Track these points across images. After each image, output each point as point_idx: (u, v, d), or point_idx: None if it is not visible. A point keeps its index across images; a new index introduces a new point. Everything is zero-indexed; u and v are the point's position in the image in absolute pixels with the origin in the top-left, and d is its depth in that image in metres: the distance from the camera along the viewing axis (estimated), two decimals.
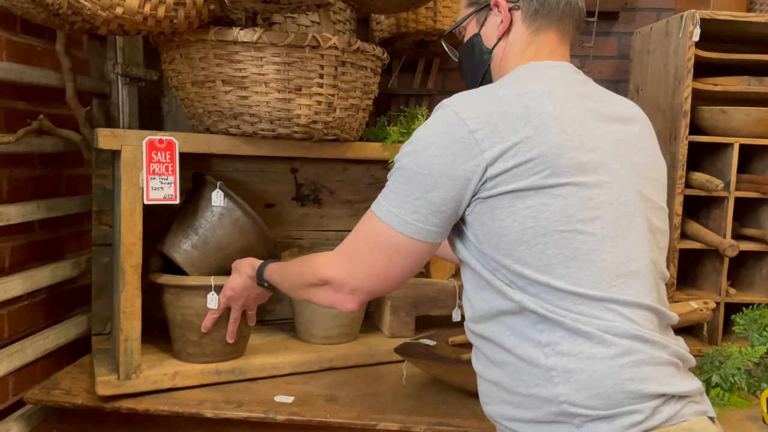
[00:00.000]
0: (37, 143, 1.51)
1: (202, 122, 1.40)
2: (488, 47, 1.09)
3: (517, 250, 0.89)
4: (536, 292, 0.90)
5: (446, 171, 0.90)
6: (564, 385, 0.88)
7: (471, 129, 0.89)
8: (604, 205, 0.91)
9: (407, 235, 0.93)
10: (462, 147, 0.89)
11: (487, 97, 0.94)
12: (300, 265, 1.10)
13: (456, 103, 0.93)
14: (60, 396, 1.33)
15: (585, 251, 0.89)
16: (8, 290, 1.37)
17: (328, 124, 1.37)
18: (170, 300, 1.43)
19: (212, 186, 1.43)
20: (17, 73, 1.42)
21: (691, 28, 1.70)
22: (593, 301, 0.89)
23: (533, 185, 0.88)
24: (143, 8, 1.17)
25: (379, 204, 0.95)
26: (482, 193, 0.90)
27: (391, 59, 2.07)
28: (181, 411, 1.30)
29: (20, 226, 1.49)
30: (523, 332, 0.91)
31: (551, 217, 0.88)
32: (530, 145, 0.88)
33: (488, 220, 0.91)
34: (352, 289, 1.00)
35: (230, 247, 1.44)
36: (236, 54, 1.28)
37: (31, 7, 1.24)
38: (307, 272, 1.07)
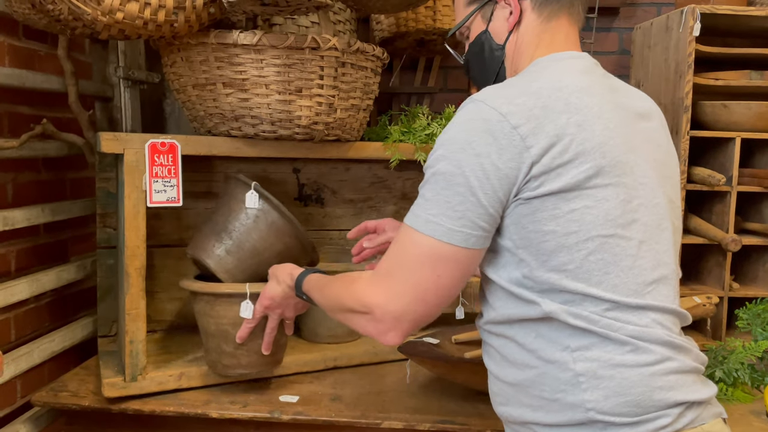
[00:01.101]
0: (41, 147, 1.52)
1: (204, 124, 1.41)
2: (499, 43, 1.03)
3: (558, 256, 0.86)
4: (568, 300, 0.87)
5: (491, 170, 0.84)
6: (592, 392, 0.86)
7: (513, 124, 0.84)
8: (641, 208, 0.89)
9: (454, 244, 0.85)
10: (506, 144, 0.84)
11: (523, 90, 0.89)
12: (340, 286, 1.00)
13: (491, 98, 0.87)
14: (67, 398, 1.35)
15: (623, 257, 0.87)
16: (15, 294, 1.38)
17: (329, 124, 1.38)
18: (203, 309, 1.34)
19: (246, 187, 1.35)
20: (20, 78, 1.43)
21: (691, 22, 1.70)
22: (628, 308, 0.87)
23: (577, 184, 0.84)
24: (143, 13, 1.18)
25: (415, 216, 0.88)
26: (525, 193, 0.85)
27: (391, 58, 2.08)
28: (186, 412, 1.31)
29: (25, 230, 1.50)
30: (551, 336, 0.89)
31: (594, 221, 0.85)
32: (576, 141, 0.85)
33: (529, 223, 0.86)
34: (396, 317, 0.89)
35: (266, 252, 1.36)
36: (236, 56, 1.29)
37: (33, 14, 1.25)
38: (346, 296, 0.96)
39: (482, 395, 1.37)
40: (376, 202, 1.86)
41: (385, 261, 0.92)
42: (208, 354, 1.37)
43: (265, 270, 1.30)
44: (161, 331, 1.66)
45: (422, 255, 0.87)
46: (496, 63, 1.05)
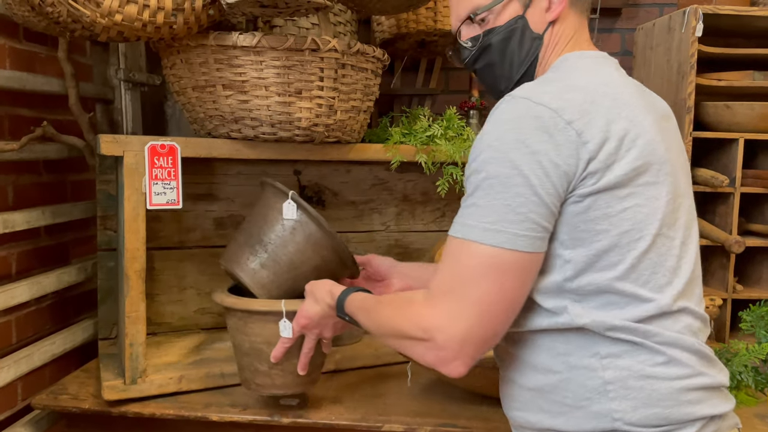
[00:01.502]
0: (41, 150, 1.52)
1: (204, 126, 1.40)
2: (537, 32, 0.97)
3: (609, 256, 0.83)
4: (612, 302, 0.85)
5: (550, 168, 0.80)
6: (620, 402, 0.84)
7: (567, 120, 0.81)
8: (680, 208, 0.89)
9: (518, 250, 0.80)
10: (563, 140, 0.81)
11: (568, 86, 0.86)
12: (392, 310, 0.92)
13: (537, 95, 0.84)
14: (67, 401, 1.34)
15: (669, 257, 0.86)
16: (15, 296, 1.38)
17: (329, 126, 1.38)
18: (237, 325, 1.27)
19: (283, 196, 1.27)
20: (20, 80, 1.43)
21: (694, 23, 1.69)
22: (669, 312, 0.86)
23: (628, 180, 0.82)
24: (142, 15, 1.17)
25: (467, 227, 0.82)
26: (579, 189, 0.82)
27: (392, 60, 2.07)
28: (187, 414, 1.31)
29: (26, 233, 1.50)
30: (581, 342, 0.86)
31: (645, 220, 0.84)
32: (628, 137, 0.83)
33: (581, 222, 0.83)
34: (461, 341, 0.81)
35: (303, 266, 1.27)
36: (236, 58, 1.28)
37: (32, 16, 1.25)
38: (401, 321, 0.88)
39: (484, 398, 1.37)
40: (377, 204, 1.86)
41: (440, 280, 0.84)
42: (241, 372, 1.31)
43: (301, 285, 1.23)
44: (161, 334, 1.66)
45: (483, 266, 0.81)
46: (531, 54, 0.98)
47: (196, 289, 1.70)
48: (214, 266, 1.71)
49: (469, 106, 1.88)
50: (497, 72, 1.02)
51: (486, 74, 1.04)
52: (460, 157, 1.50)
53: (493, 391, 1.31)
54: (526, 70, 0.99)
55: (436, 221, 1.93)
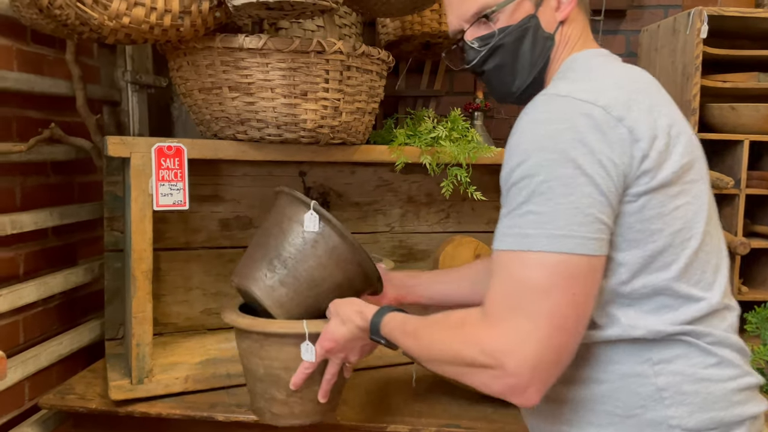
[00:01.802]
0: (49, 151, 1.54)
1: (210, 128, 1.41)
2: (549, 31, 0.94)
3: (664, 256, 0.82)
4: (666, 304, 0.83)
5: (610, 167, 0.77)
6: (677, 408, 0.82)
7: (617, 117, 0.79)
8: (713, 204, 0.89)
9: (589, 254, 0.76)
10: (616, 139, 0.78)
11: (605, 84, 0.84)
12: (446, 332, 0.84)
13: (579, 92, 0.81)
14: (74, 401, 1.35)
15: (713, 254, 0.86)
16: (23, 297, 1.39)
17: (335, 128, 1.38)
18: (251, 349, 1.15)
19: (303, 206, 1.17)
20: (28, 82, 1.44)
21: (698, 25, 1.69)
22: (717, 311, 0.85)
23: (677, 177, 0.81)
24: (149, 18, 1.18)
25: (529, 237, 0.76)
26: (634, 188, 0.80)
27: (397, 61, 2.08)
28: (193, 414, 1.31)
29: (33, 234, 1.51)
30: (631, 350, 0.84)
31: (694, 218, 0.83)
32: (673, 133, 0.82)
33: (637, 222, 0.80)
34: (534, 364, 0.74)
35: (325, 283, 1.16)
36: (242, 60, 1.29)
37: (40, 18, 1.26)
38: (460, 344, 0.80)
39: (488, 399, 1.37)
40: (381, 205, 1.87)
41: (500, 296, 0.78)
42: (254, 400, 1.20)
43: (322, 304, 1.14)
44: (168, 334, 1.67)
45: (553, 276, 0.75)
46: (544, 54, 0.95)
47: (202, 289, 1.71)
48: (219, 267, 1.72)
49: (474, 108, 1.89)
50: (507, 74, 0.97)
51: (495, 76, 0.99)
52: (465, 159, 1.50)
53: None
54: (539, 72, 0.96)
55: (440, 222, 1.93)
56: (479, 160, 1.53)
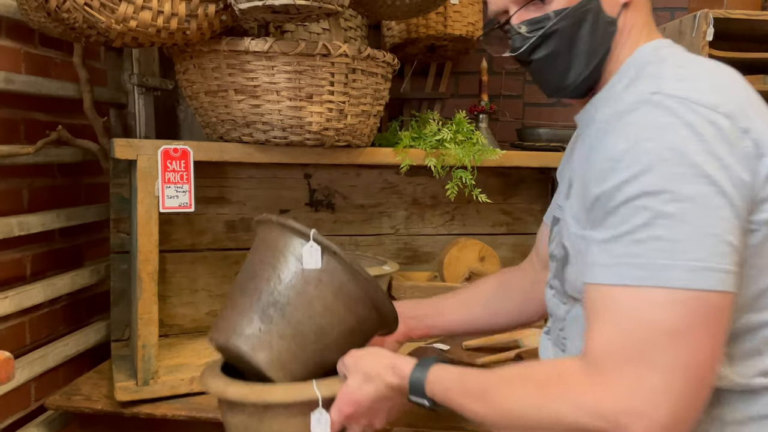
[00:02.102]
0: (56, 153, 1.55)
1: (216, 131, 1.42)
2: (612, 15, 0.80)
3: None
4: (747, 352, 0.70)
5: (740, 185, 0.65)
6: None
7: (743, 128, 0.67)
8: None
9: (729, 291, 0.63)
10: (742, 153, 0.66)
11: (718, 85, 0.71)
12: (535, 390, 0.69)
13: (699, 94, 0.68)
14: (80, 402, 1.36)
15: None
16: (30, 298, 1.40)
17: (340, 130, 1.39)
18: (246, 425, 0.89)
19: (299, 237, 0.95)
20: (36, 85, 1.46)
21: (704, 27, 1.69)
22: None
23: None
24: (156, 21, 1.19)
25: (658, 269, 0.63)
26: (758, 215, 0.67)
27: (402, 64, 2.08)
28: (198, 416, 1.32)
29: (40, 235, 1.52)
30: None
31: None
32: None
33: (759, 258, 0.68)
34: (671, 427, 0.61)
35: (333, 331, 0.93)
36: (248, 63, 1.30)
37: (48, 21, 1.27)
38: (561, 405, 0.66)
39: None
40: (386, 207, 1.87)
41: (616, 344, 0.63)
42: None
43: (329, 356, 0.93)
44: (173, 336, 1.67)
45: (690, 318, 0.62)
46: (606, 42, 0.81)
47: (207, 291, 1.71)
48: (225, 269, 1.72)
49: (479, 110, 1.89)
50: (561, 64, 0.83)
51: (546, 67, 0.84)
52: (470, 161, 1.50)
53: None
54: (598, 62, 0.82)
55: (445, 225, 1.94)
56: (484, 163, 1.53)
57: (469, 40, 1.91)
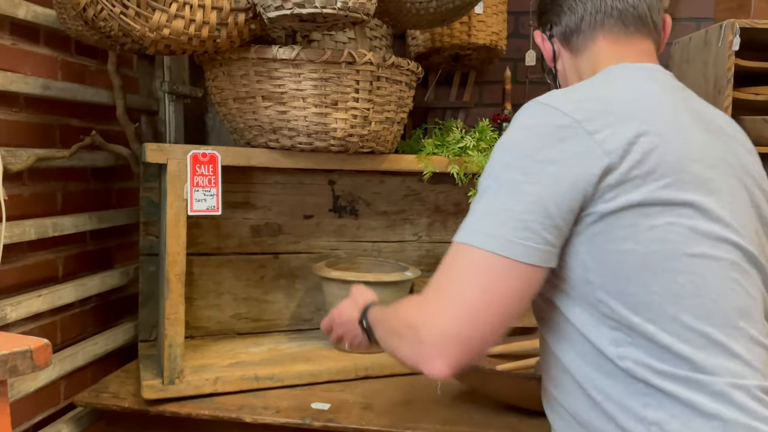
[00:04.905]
0: (90, 158, 1.60)
1: (243, 136, 1.45)
2: (548, 66, 1.07)
3: (641, 278, 0.77)
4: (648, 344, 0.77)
5: (563, 177, 0.77)
6: None
7: (589, 130, 0.78)
8: (729, 227, 0.81)
9: (515, 259, 0.76)
10: (582, 150, 0.78)
11: (590, 95, 0.85)
12: (391, 313, 0.91)
13: (560, 102, 0.82)
14: (108, 399, 1.39)
15: (716, 280, 0.78)
16: (61, 297, 1.45)
17: (364, 137, 1.41)
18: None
19: None
20: (71, 91, 1.51)
21: (730, 37, 1.68)
22: (720, 345, 0.77)
23: (656, 198, 0.77)
24: (188, 29, 1.23)
25: (469, 232, 0.80)
26: (598, 206, 0.78)
27: (427, 73, 2.11)
28: (221, 416, 1.34)
29: (73, 237, 1.57)
30: (625, 402, 0.78)
31: (678, 240, 0.77)
32: (653, 151, 0.78)
33: (605, 242, 0.77)
34: (444, 340, 0.77)
35: None
36: (275, 71, 1.33)
37: (85, 30, 1.32)
38: (394, 320, 0.88)
39: (513, 409, 1.37)
40: (409, 214, 1.88)
41: (434, 280, 0.82)
42: None
43: None
44: (198, 338, 1.70)
45: (475, 271, 0.78)
46: (554, 80, 1.08)
47: (232, 294, 1.74)
48: (250, 272, 1.75)
49: (502, 119, 1.90)
50: None
51: None
52: None
53: (523, 402, 1.32)
54: None
55: None
56: None
57: (493, 50, 1.93)
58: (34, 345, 0.81)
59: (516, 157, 0.80)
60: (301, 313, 1.82)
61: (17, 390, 1.29)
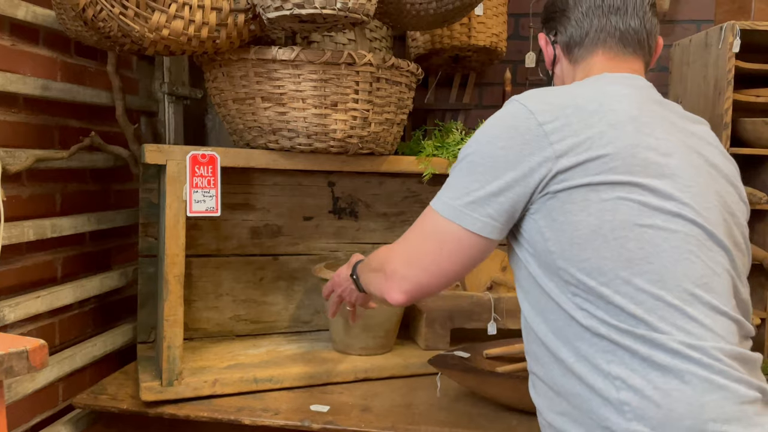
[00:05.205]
0: (89, 159, 1.59)
1: (243, 137, 1.45)
2: (547, 70, 1.15)
3: (594, 245, 0.84)
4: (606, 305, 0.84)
5: (511, 162, 0.89)
6: (638, 422, 0.80)
7: (540, 121, 0.89)
8: (686, 206, 0.87)
9: (462, 226, 0.91)
10: (529, 138, 0.88)
11: (561, 93, 0.95)
12: (373, 253, 1.13)
13: (525, 98, 0.93)
14: (106, 401, 1.39)
15: (668, 248, 0.84)
16: (60, 299, 1.44)
17: (363, 138, 1.41)
18: None
19: None
20: (71, 92, 1.50)
21: (731, 39, 1.68)
22: (674, 308, 0.83)
23: (604, 179, 0.85)
24: (188, 30, 1.23)
25: (437, 198, 0.96)
26: (551, 186, 0.88)
27: (427, 75, 2.11)
28: (220, 418, 1.34)
29: (72, 238, 1.57)
30: (591, 360, 0.85)
31: (629, 211, 0.85)
32: (605, 140, 0.87)
33: (559, 215, 0.87)
34: (402, 277, 0.97)
35: None
36: (275, 72, 1.33)
37: (84, 30, 1.32)
38: (372, 258, 1.11)
39: (512, 410, 1.36)
40: (409, 216, 1.88)
41: (407, 232, 1.01)
42: None
43: None
44: (197, 339, 1.70)
45: (432, 230, 0.95)
46: (550, 83, 1.15)
47: (231, 296, 1.74)
48: (249, 274, 1.75)
49: None
50: None
51: None
52: None
53: (522, 404, 1.32)
54: None
55: None
56: None
57: (493, 51, 1.93)
58: (31, 346, 0.80)
59: (480, 143, 0.93)
60: (301, 314, 1.81)
61: (15, 391, 1.29)
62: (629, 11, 1.03)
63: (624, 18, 1.03)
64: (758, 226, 1.79)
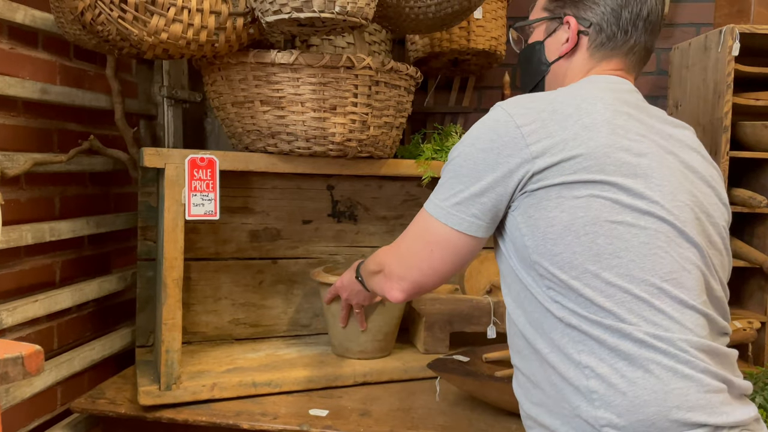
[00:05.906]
0: (88, 162, 1.59)
1: (242, 141, 1.45)
2: (548, 59, 1.10)
3: (566, 240, 0.88)
4: (577, 297, 0.87)
5: (491, 164, 0.93)
6: (605, 410, 0.84)
7: (518, 124, 0.92)
8: (656, 204, 0.89)
9: (449, 226, 0.96)
10: (508, 141, 0.92)
11: (540, 97, 0.97)
12: (374, 253, 1.18)
13: (507, 103, 0.96)
14: (105, 405, 1.38)
15: (637, 244, 0.87)
16: (58, 302, 1.44)
17: (362, 141, 1.41)
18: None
19: None
20: (70, 96, 1.50)
21: (730, 42, 1.68)
22: (642, 301, 0.86)
23: (578, 179, 0.89)
24: (186, 33, 1.23)
25: (429, 200, 1.00)
26: (529, 186, 0.91)
27: (426, 78, 2.11)
28: (218, 422, 1.33)
29: (70, 241, 1.56)
30: (564, 350, 0.88)
31: (601, 208, 0.88)
32: (579, 141, 0.90)
33: (535, 212, 0.91)
34: (400, 277, 1.03)
35: None
36: (274, 75, 1.33)
37: (83, 34, 1.32)
38: (372, 259, 1.16)
39: (512, 414, 1.36)
40: (408, 219, 1.87)
41: (404, 233, 1.06)
42: None
43: None
44: (196, 343, 1.70)
45: (423, 231, 1.00)
46: (538, 75, 1.12)
47: (230, 299, 1.74)
48: (248, 278, 1.75)
49: None
50: (523, 82, 1.19)
51: (521, 80, 1.21)
52: None
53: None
54: (534, 88, 1.13)
55: None
56: None
57: (492, 55, 1.93)
58: (26, 351, 0.80)
59: (464, 146, 0.97)
60: (300, 318, 1.81)
61: (12, 396, 1.28)
62: (656, 32, 1.06)
63: (651, 38, 1.06)
64: (758, 229, 1.79)
